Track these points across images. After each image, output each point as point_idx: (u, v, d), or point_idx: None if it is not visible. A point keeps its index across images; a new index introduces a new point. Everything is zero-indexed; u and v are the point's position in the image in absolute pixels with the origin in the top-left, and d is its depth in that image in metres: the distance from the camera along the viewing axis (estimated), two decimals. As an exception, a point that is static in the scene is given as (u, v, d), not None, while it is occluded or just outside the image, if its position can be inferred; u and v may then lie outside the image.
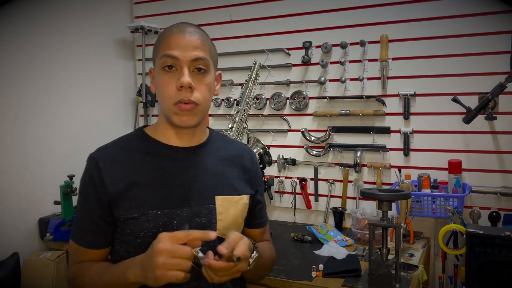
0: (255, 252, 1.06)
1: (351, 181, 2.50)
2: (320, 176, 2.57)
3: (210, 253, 0.95)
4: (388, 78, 2.36)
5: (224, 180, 1.14)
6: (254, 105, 2.69)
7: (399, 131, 2.35)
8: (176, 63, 1.02)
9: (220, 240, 1.07)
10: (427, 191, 2.17)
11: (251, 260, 1.03)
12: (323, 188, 2.57)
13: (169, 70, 1.03)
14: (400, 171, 2.29)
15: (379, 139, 2.42)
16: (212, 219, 1.09)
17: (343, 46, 2.41)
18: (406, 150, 2.33)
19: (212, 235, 0.92)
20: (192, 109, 1.03)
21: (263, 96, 2.69)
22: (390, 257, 1.56)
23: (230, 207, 1.12)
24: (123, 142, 1.13)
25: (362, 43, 2.38)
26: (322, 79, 2.49)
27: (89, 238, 1.09)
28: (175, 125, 1.06)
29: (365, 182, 2.47)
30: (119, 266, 1.00)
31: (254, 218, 1.26)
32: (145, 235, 1.04)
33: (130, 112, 3.10)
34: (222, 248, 0.94)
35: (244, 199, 1.17)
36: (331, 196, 2.55)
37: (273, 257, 1.31)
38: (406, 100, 2.31)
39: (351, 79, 2.45)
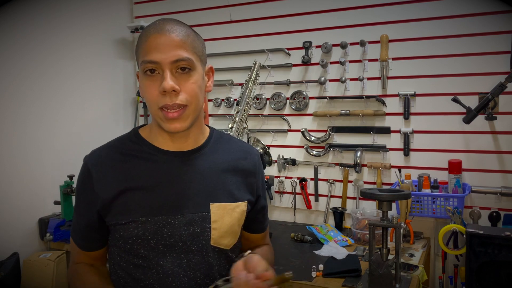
0: None
1: (351, 181, 2.50)
2: (320, 176, 2.57)
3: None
4: (388, 78, 2.36)
5: (221, 186, 1.08)
6: (254, 105, 2.69)
7: (399, 131, 2.35)
8: (157, 67, 0.96)
9: (214, 249, 1.06)
10: (427, 191, 2.17)
11: None
12: (323, 188, 2.57)
13: (151, 74, 0.97)
14: (400, 171, 2.29)
15: (379, 139, 2.42)
16: (206, 228, 1.05)
17: (343, 46, 2.41)
18: (406, 150, 2.33)
19: None
20: (180, 115, 0.97)
21: (263, 96, 2.69)
22: (390, 257, 1.56)
23: (226, 215, 1.07)
24: (117, 144, 1.09)
25: (362, 43, 2.38)
26: (322, 79, 2.48)
27: (82, 241, 1.09)
28: (166, 131, 1.02)
29: (365, 182, 2.47)
30: None
31: (256, 223, 1.22)
32: (134, 242, 1.02)
33: (130, 112, 3.10)
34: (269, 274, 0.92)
35: (242, 206, 1.10)
36: (331, 196, 2.55)
37: (271, 264, 1.25)
38: (406, 100, 2.31)
39: (351, 79, 2.45)
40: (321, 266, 1.84)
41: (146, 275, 1.02)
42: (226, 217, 1.07)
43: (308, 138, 2.57)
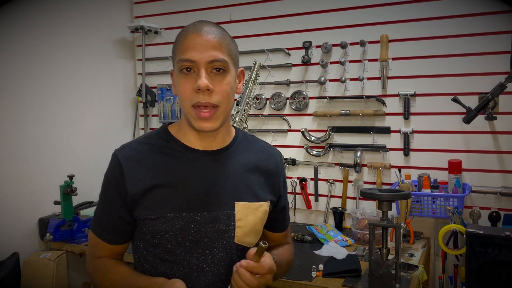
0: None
1: (351, 181, 2.50)
2: (320, 176, 2.57)
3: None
4: (388, 78, 2.36)
5: (245, 186, 1.12)
6: (254, 105, 2.69)
7: (399, 131, 2.35)
8: (193, 66, 1.00)
9: (238, 247, 1.10)
10: (427, 191, 2.17)
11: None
12: (323, 188, 2.57)
13: (187, 72, 1.01)
14: (400, 171, 2.29)
15: (379, 139, 2.42)
16: (231, 226, 1.08)
17: (343, 46, 2.41)
18: (406, 150, 2.33)
19: None
20: (212, 115, 1.01)
21: (263, 96, 2.69)
22: (390, 257, 1.56)
23: (250, 214, 1.10)
24: (147, 140, 1.12)
25: (362, 43, 2.38)
26: (322, 79, 2.48)
27: (108, 234, 1.10)
28: (196, 130, 1.05)
29: (365, 182, 2.47)
30: (144, 281, 1.03)
31: (277, 222, 1.25)
32: (162, 237, 1.05)
33: (130, 112, 3.10)
34: (250, 252, 0.99)
35: (264, 206, 1.14)
36: (331, 196, 2.55)
37: (290, 263, 1.30)
38: (406, 100, 2.31)
39: (351, 79, 2.45)
40: (321, 266, 1.84)
41: (172, 269, 1.06)
42: (250, 216, 1.11)
43: (308, 138, 2.57)
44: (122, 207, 1.06)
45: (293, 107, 2.61)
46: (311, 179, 2.60)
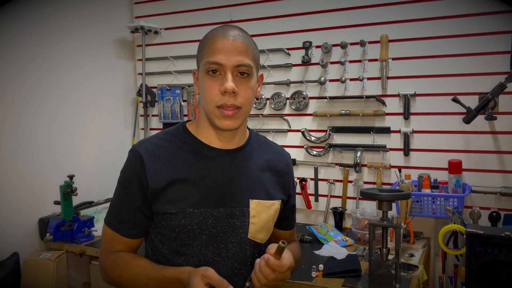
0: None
1: (351, 181, 2.50)
2: (320, 176, 2.57)
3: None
4: (388, 78, 2.36)
5: (259, 184, 1.16)
6: (254, 105, 2.69)
7: (399, 131, 2.35)
8: (220, 68, 1.04)
9: (250, 243, 1.14)
10: (427, 191, 2.17)
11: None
12: (323, 188, 2.57)
13: (213, 74, 1.05)
14: (400, 171, 2.29)
15: (379, 139, 2.42)
16: (245, 222, 1.12)
17: (343, 46, 2.41)
18: (406, 150, 2.33)
19: None
20: (234, 114, 1.06)
21: (263, 96, 2.69)
22: (390, 257, 1.56)
23: (263, 212, 1.15)
24: (166, 136, 1.15)
25: (362, 43, 2.38)
26: (322, 79, 2.48)
27: (127, 227, 1.12)
28: (217, 128, 1.08)
29: (365, 182, 2.47)
30: (170, 271, 1.05)
31: (285, 220, 1.30)
32: (181, 231, 1.08)
33: (130, 112, 3.10)
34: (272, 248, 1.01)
35: (276, 204, 1.19)
36: (331, 196, 2.55)
37: (299, 260, 1.33)
38: (406, 100, 2.31)
39: (351, 79, 2.45)
40: (321, 266, 1.84)
41: (188, 262, 1.08)
42: (263, 214, 1.15)
43: (308, 138, 2.57)
44: (143, 201, 1.09)
45: (293, 107, 2.61)
46: (311, 179, 2.60)
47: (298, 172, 2.64)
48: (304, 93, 2.57)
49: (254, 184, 1.15)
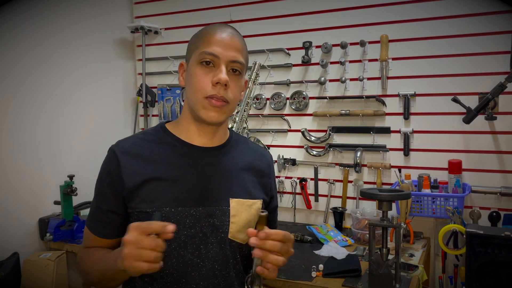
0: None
1: (351, 181, 2.50)
2: (320, 176, 2.57)
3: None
4: (388, 78, 2.36)
5: (240, 183, 1.14)
6: (254, 105, 2.69)
7: (399, 131, 2.35)
8: (214, 60, 1.04)
9: (231, 243, 1.10)
10: (427, 191, 2.17)
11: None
12: (323, 188, 2.57)
13: (206, 65, 1.04)
14: (400, 171, 2.29)
15: (379, 139, 2.42)
16: (225, 221, 1.09)
17: (343, 46, 2.41)
18: (406, 150, 2.33)
19: (170, 227, 0.89)
20: (222, 107, 1.05)
21: (263, 96, 2.69)
22: (390, 257, 1.56)
23: (244, 211, 1.12)
24: (144, 136, 1.14)
25: (362, 43, 2.38)
26: (322, 79, 2.49)
27: (99, 227, 1.10)
28: (201, 119, 1.06)
29: (365, 182, 2.47)
30: (113, 254, 1.00)
31: (269, 222, 1.24)
32: None
33: (130, 112, 3.10)
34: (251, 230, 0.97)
35: (257, 204, 1.16)
36: (331, 196, 2.55)
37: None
38: (406, 100, 2.31)
39: (351, 79, 2.45)
40: (321, 266, 1.84)
41: (166, 264, 1.04)
42: (243, 213, 1.12)
43: (308, 138, 2.57)
44: (116, 200, 1.07)
45: (293, 107, 2.61)
46: (311, 179, 2.60)
47: (298, 172, 2.64)
48: (304, 93, 2.57)
49: (234, 183, 1.13)
